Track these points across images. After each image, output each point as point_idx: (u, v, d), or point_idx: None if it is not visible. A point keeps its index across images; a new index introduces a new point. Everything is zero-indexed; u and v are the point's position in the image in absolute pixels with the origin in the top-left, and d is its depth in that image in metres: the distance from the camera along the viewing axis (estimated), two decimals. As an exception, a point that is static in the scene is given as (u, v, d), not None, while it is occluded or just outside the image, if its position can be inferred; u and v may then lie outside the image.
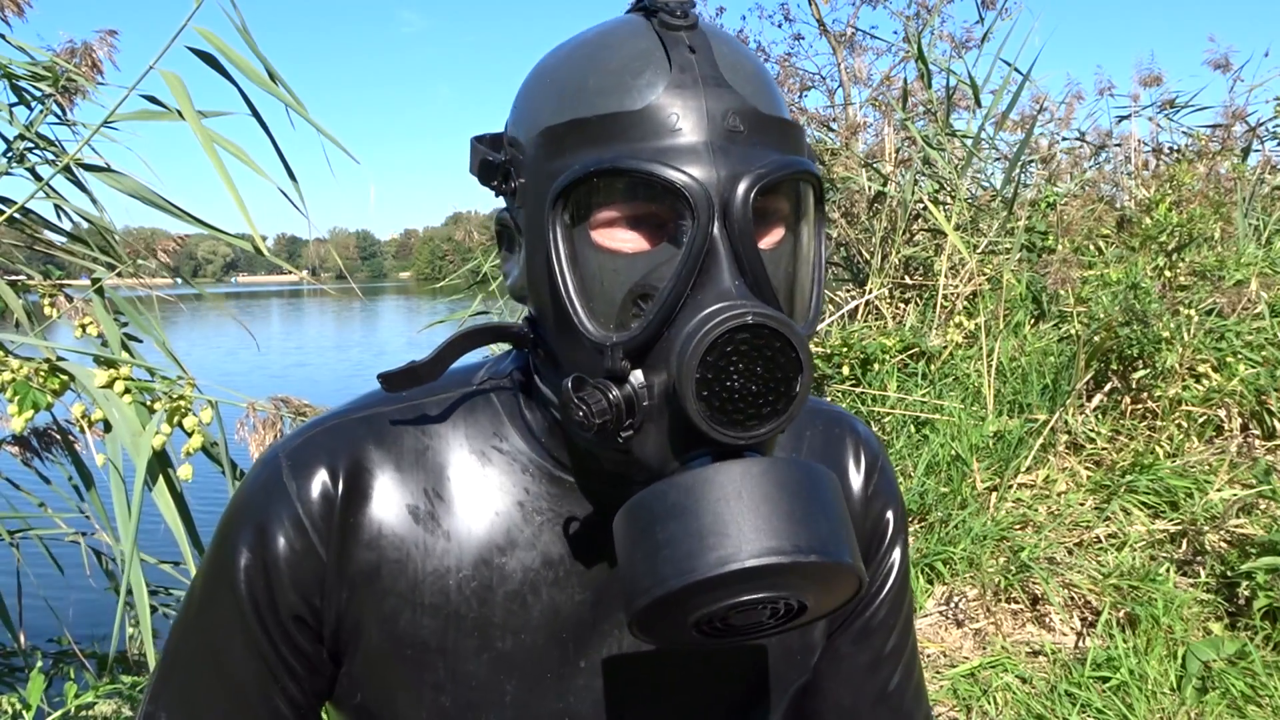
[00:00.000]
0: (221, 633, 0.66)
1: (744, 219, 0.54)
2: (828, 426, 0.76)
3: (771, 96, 0.59)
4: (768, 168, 0.55)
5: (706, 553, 0.49)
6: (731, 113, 0.55)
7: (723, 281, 0.53)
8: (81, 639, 2.72)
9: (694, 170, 0.53)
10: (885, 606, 0.76)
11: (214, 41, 1.96)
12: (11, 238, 2.46)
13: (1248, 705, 2.38)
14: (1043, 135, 6.12)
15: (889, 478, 0.76)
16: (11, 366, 1.64)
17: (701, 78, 0.56)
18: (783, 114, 0.59)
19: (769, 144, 0.56)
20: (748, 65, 0.58)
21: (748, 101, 0.56)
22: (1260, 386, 3.48)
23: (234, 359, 14.84)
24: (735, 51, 0.59)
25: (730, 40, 0.60)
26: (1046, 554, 3.00)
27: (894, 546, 0.76)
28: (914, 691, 0.78)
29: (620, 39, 0.58)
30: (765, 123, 0.57)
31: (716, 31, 0.59)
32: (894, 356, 4.06)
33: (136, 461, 1.64)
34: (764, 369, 0.52)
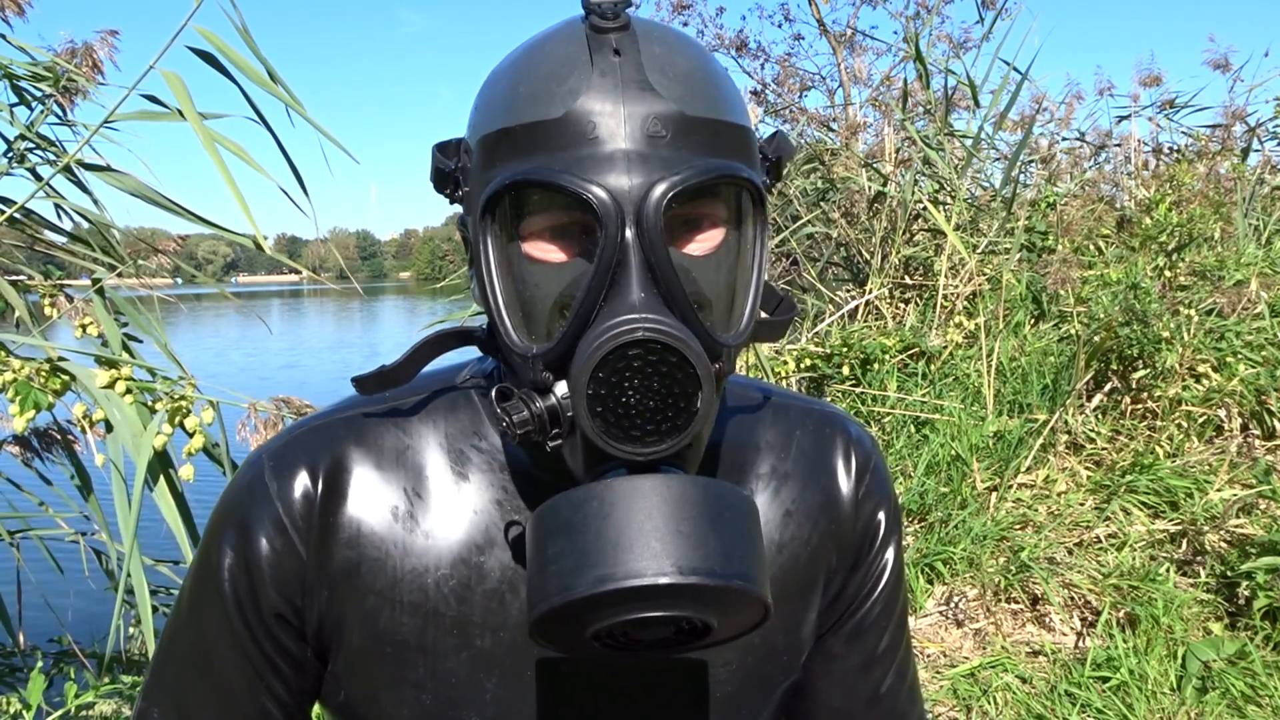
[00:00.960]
0: (209, 631, 0.67)
1: (654, 228, 0.52)
2: (818, 427, 0.75)
3: (707, 98, 0.57)
4: (684, 174, 0.53)
5: (587, 570, 0.49)
6: (654, 118, 0.54)
7: (630, 294, 0.52)
8: (81, 639, 2.72)
9: (608, 179, 0.53)
10: (878, 606, 0.75)
11: (214, 41, 1.96)
12: (12, 238, 2.46)
13: (1248, 705, 2.38)
14: (1043, 135, 6.12)
15: (882, 478, 0.75)
16: (13, 366, 1.64)
17: (623, 82, 0.54)
18: (720, 115, 0.57)
19: (695, 148, 0.55)
20: (681, 66, 0.57)
21: (673, 105, 0.55)
22: (1260, 386, 3.48)
23: (223, 360, 14.84)
24: (670, 52, 0.57)
25: (669, 39, 0.58)
26: (1046, 554, 3.00)
27: (886, 546, 0.75)
28: (908, 693, 0.78)
29: (554, 44, 0.58)
30: (692, 125, 0.55)
31: (654, 31, 0.58)
32: (894, 356, 4.06)
33: (137, 462, 1.65)
34: (660, 384, 0.51)
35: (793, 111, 8.28)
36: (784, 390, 0.78)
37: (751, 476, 0.71)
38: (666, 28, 0.60)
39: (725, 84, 0.60)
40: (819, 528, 0.71)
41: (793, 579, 0.70)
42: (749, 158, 0.59)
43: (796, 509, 0.71)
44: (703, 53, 0.60)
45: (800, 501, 0.71)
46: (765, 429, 0.73)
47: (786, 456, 0.72)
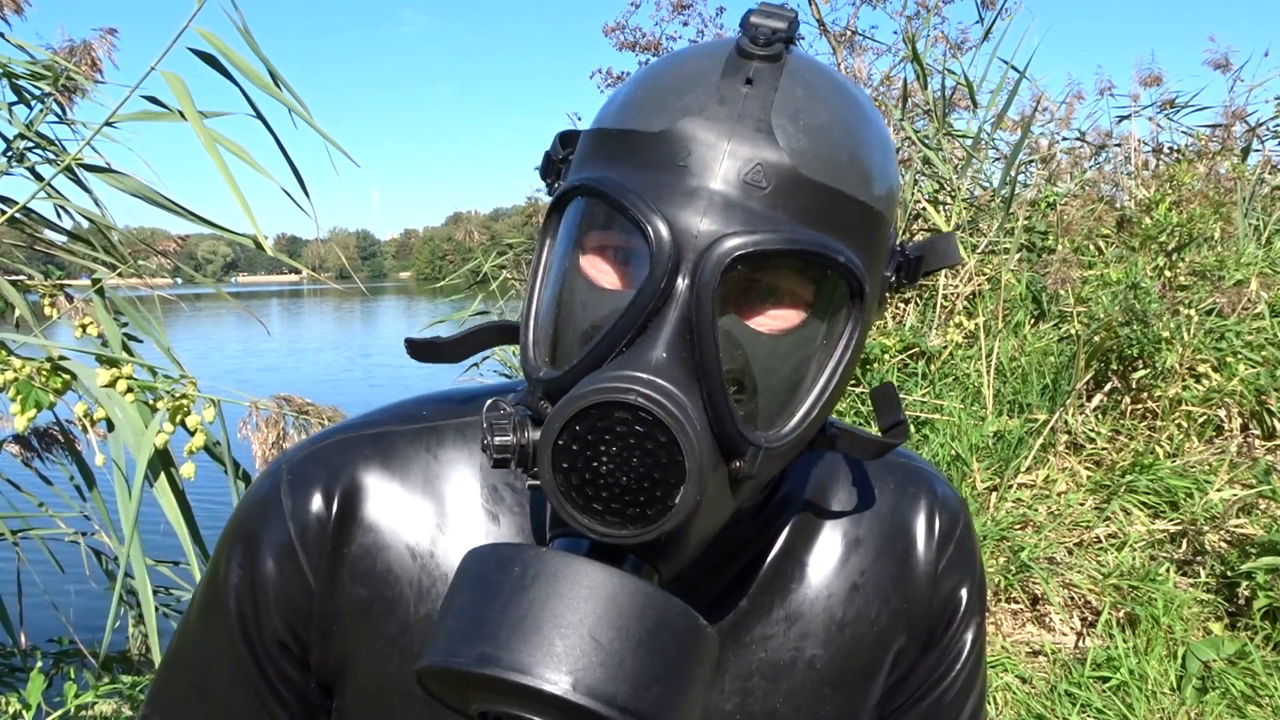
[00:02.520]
0: (214, 646, 0.63)
1: (708, 284, 0.45)
2: (901, 486, 0.66)
3: (834, 162, 0.48)
4: (765, 236, 0.46)
5: (476, 642, 0.42)
6: (758, 164, 0.47)
7: (654, 348, 0.45)
8: (81, 639, 2.72)
9: (680, 215, 0.46)
10: (954, 689, 0.67)
11: (215, 43, 1.96)
12: (12, 238, 2.46)
13: (1248, 705, 2.38)
14: (1043, 135, 6.12)
15: (967, 550, 0.66)
16: (14, 366, 1.64)
17: (740, 115, 0.47)
18: (842, 185, 0.49)
19: (796, 212, 0.47)
20: (819, 117, 0.49)
21: (786, 157, 0.47)
22: (1260, 386, 3.48)
23: (223, 359, 14.83)
24: (813, 98, 0.49)
25: (820, 85, 0.50)
26: (1046, 554, 3.00)
27: (966, 627, 0.67)
28: None
29: (697, 57, 0.51)
30: (801, 186, 0.47)
31: (809, 73, 0.50)
32: (894, 356, 4.06)
33: (138, 460, 1.65)
34: (639, 462, 0.43)
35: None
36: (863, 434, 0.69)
37: (816, 541, 0.63)
38: (832, 74, 0.52)
39: (870, 154, 0.51)
40: (889, 605, 0.63)
41: (854, 662, 0.63)
42: (865, 242, 0.50)
43: (865, 582, 0.63)
44: (859, 114, 0.51)
45: (871, 574, 0.63)
46: (839, 485, 0.64)
47: (860, 520, 0.64)
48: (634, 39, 10.35)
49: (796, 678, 0.60)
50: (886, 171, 0.52)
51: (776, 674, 0.60)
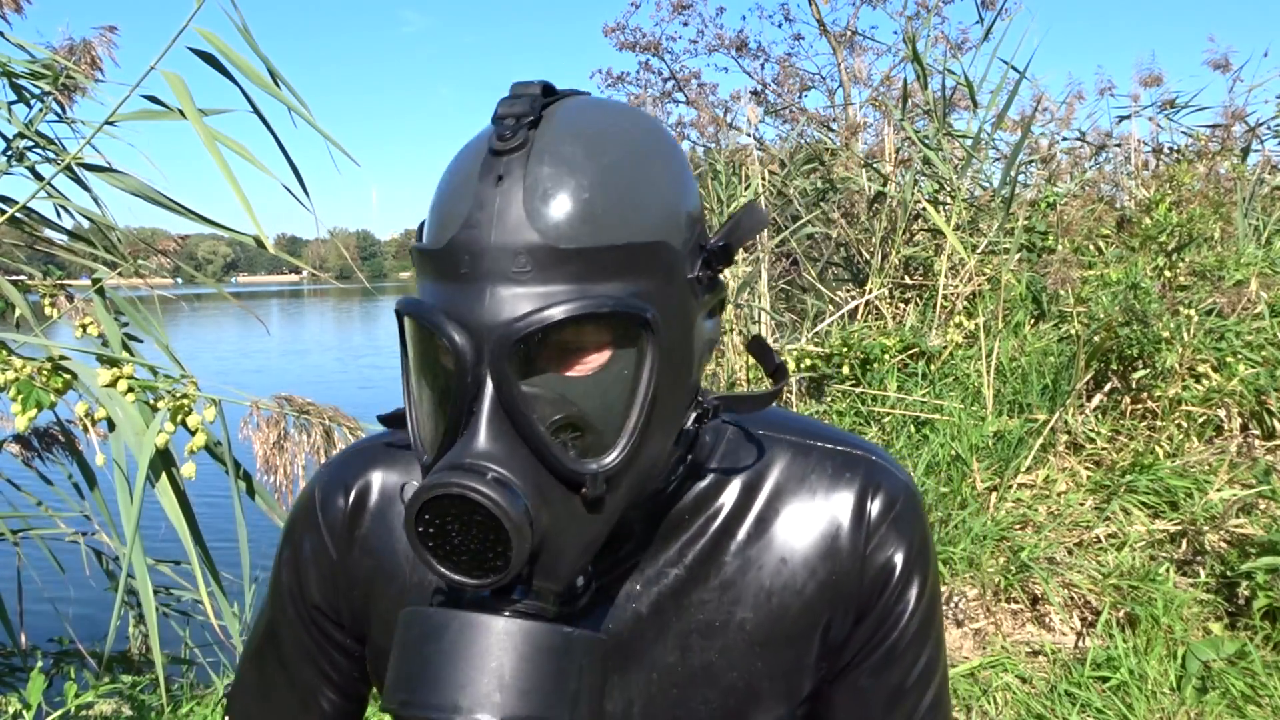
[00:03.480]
0: (276, 614, 0.80)
1: (506, 369, 0.53)
2: (839, 470, 0.72)
3: (590, 224, 0.54)
4: (536, 318, 0.53)
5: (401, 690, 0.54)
6: (521, 253, 0.53)
7: (477, 435, 0.54)
8: (82, 639, 2.72)
9: (470, 316, 0.53)
10: (904, 643, 0.72)
11: (215, 42, 1.96)
12: (12, 237, 2.46)
13: (1248, 705, 2.39)
14: (1043, 135, 6.13)
15: (904, 529, 0.71)
16: (14, 366, 1.64)
17: (498, 213, 0.54)
18: (603, 241, 0.54)
19: (567, 279, 0.53)
20: (568, 187, 0.54)
21: (539, 238, 0.53)
22: (1260, 386, 3.48)
23: (223, 358, 14.81)
24: (560, 172, 0.54)
25: (567, 153, 0.55)
26: (1046, 554, 3.00)
27: (905, 589, 0.71)
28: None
29: (465, 160, 0.58)
30: (563, 258, 0.53)
31: (556, 142, 0.55)
32: (894, 356, 4.06)
33: (140, 460, 1.65)
34: (477, 531, 0.52)
35: (793, 111, 8.28)
36: (824, 430, 0.75)
37: (751, 519, 0.71)
38: (586, 126, 0.57)
39: (631, 194, 0.56)
40: (816, 577, 0.70)
41: (781, 626, 0.70)
42: (645, 272, 0.56)
43: (793, 556, 0.70)
44: (615, 161, 0.56)
45: (799, 549, 0.70)
46: (778, 470, 0.72)
47: (793, 499, 0.71)
48: (634, 39, 10.35)
49: (729, 637, 0.70)
50: (656, 198, 0.57)
51: (712, 633, 0.69)
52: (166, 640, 2.50)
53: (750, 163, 5.01)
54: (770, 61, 10.56)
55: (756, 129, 6.43)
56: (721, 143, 6.07)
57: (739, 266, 4.44)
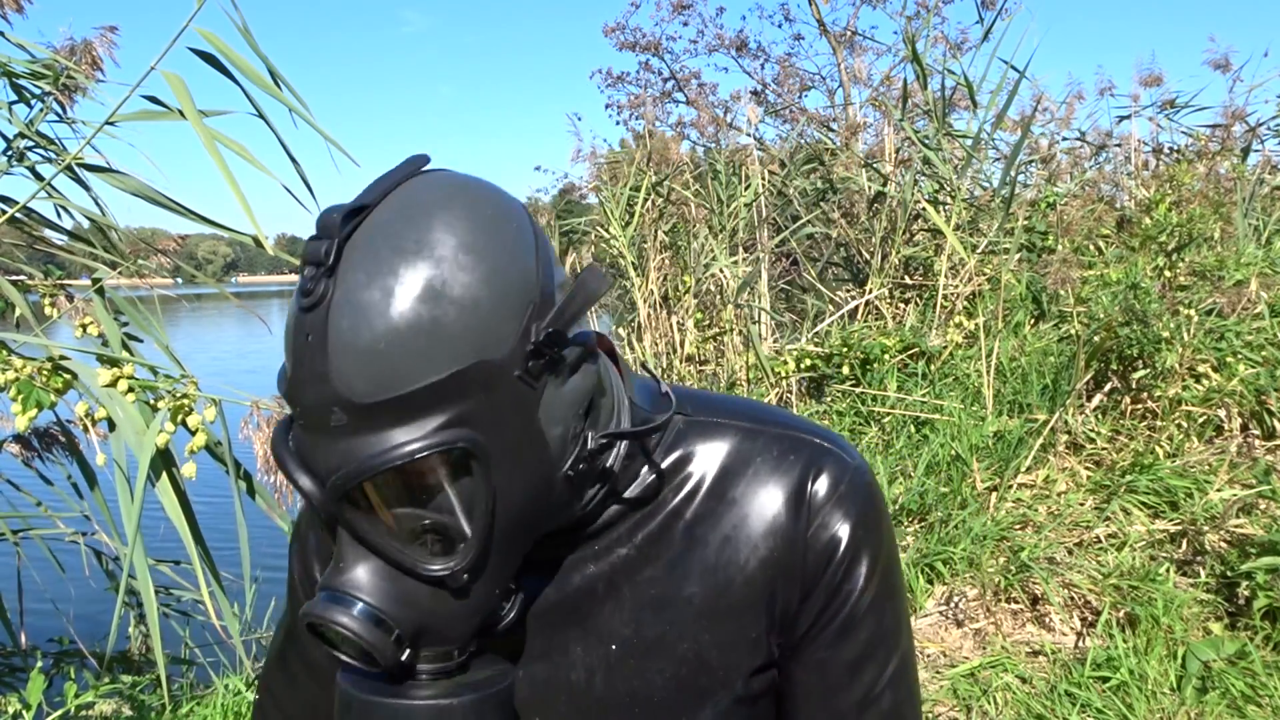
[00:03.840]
0: (291, 598, 0.86)
1: (341, 510, 0.59)
2: (784, 453, 0.74)
3: (390, 374, 0.55)
4: (348, 471, 0.56)
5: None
6: (333, 406, 0.56)
7: (341, 565, 0.61)
8: (82, 639, 2.72)
9: (312, 462, 0.58)
10: (858, 615, 0.74)
11: (215, 42, 1.96)
12: (12, 237, 2.46)
13: (1248, 705, 2.39)
14: (1043, 135, 6.13)
15: (851, 500, 0.73)
16: (15, 365, 1.64)
17: (309, 372, 0.57)
18: (403, 389, 0.56)
19: (382, 427, 0.56)
20: (364, 339, 0.55)
21: (345, 395, 0.55)
22: (1260, 386, 3.48)
23: (223, 358, 14.80)
24: (357, 323, 0.55)
25: (367, 302, 0.56)
26: (1046, 554, 3.00)
27: (853, 563, 0.73)
28: (894, 705, 0.76)
29: (290, 306, 0.60)
30: (371, 410, 0.56)
31: (354, 289, 0.56)
32: (894, 356, 4.06)
33: (140, 460, 1.65)
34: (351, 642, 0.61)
35: (793, 111, 8.28)
36: (776, 416, 0.78)
37: (698, 502, 0.74)
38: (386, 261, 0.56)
39: (432, 333, 0.56)
40: (758, 553, 0.73)
41: (726, 600, 0.73)
42: (463, 396, 0.57)
43: (736, 533, 0.73)
44: (415, 290, 0.56)
45: (742, 528, 0.73)
46: (726, 454, 0.75)
47: (739, 481, 0.74)
48: (634, 39, 10.36)
49: (678, 611, 0.74)
50: (466, 321, 0.57)
51: (661, 607, 0.74)
52: (167, 640, 2.50)
53: (750, 163, 5.01)
54: (770, 61, 10.57)
55: (756, 129, 6.44)
56: (721, 143, 6.07)
57: (739, 266, 4.44)
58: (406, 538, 0.61)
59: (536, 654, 0.75)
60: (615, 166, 5.32)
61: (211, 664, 2.93)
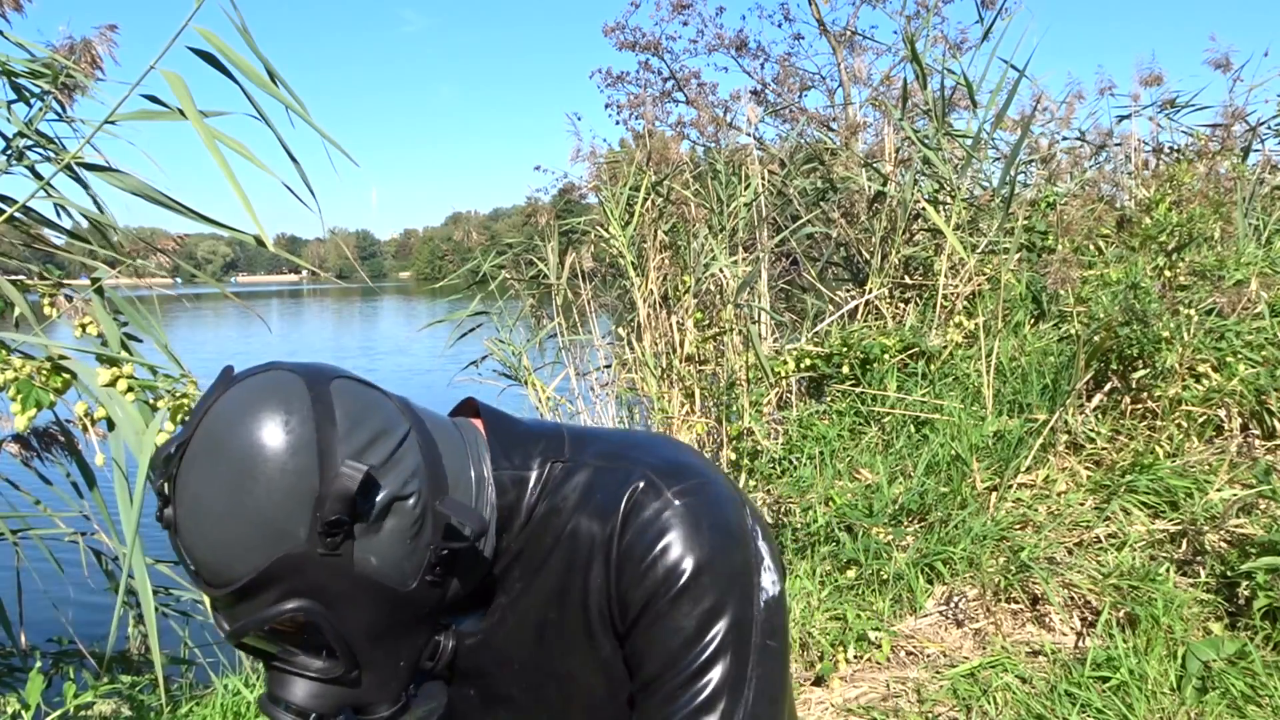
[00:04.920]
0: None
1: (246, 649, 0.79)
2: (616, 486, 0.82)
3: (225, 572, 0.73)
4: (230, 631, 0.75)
5: None
6: (209, 587, 0.74)
7: (272, 678, 0.79)
8: (82, 639, 2.71)
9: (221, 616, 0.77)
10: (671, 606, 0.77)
11: (214, 42, 1.96)
12: (11, 237, 2.46)
13: (1248, 705, 2.38)
14: (1043, 135, 6.12)
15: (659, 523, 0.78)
16: (14, 365, 1.64)
17: (190, 569, 0.75)
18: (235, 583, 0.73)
19: (242, 602, 0.74)
20: (201, 553, 0.73)
21: (207, 587, 0.74)
22: (1260, 386, 3.48)
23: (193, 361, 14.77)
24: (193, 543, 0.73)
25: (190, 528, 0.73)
26: (1046, 554, 3.00)
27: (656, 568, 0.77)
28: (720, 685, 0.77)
29: None
30: (225, 597, 0.74)
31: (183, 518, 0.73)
32: (894, 356, 4.06)
33: (140, 460, 1.64)
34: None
35: (792, 111, 8.28)
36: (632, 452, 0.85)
37: (557, 532, 0.84)
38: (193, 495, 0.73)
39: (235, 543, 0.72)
40: (588, 578, 0.81)
41: (575, 623, 0.82)
42: (282, 579, 0.73)
43: (574, 561, 0.82)
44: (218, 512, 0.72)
45: (578, 555, 0.82)
46: (580, 491, 0.84)
47: (582, 514, 0.82)
48: (634, 39, 10.34)
49: (547, 634, 0.84)
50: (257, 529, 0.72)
51: (539, 631, 0.84)
52: (166, 640, 2.50)
53: (750, 162, 5.00)
54: (770, 61, 10.56)
55: (756, 129, 6.43)
56: (721, 142, 6.06)
57: (739, 266, 4.44)
58: (306, 654, 0.77)
59: (469, 674, 0.88)
60: (615, 166, 5.32)
61: (211, 664, 2.93)
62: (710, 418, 4.10)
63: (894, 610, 2.98)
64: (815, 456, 3.65)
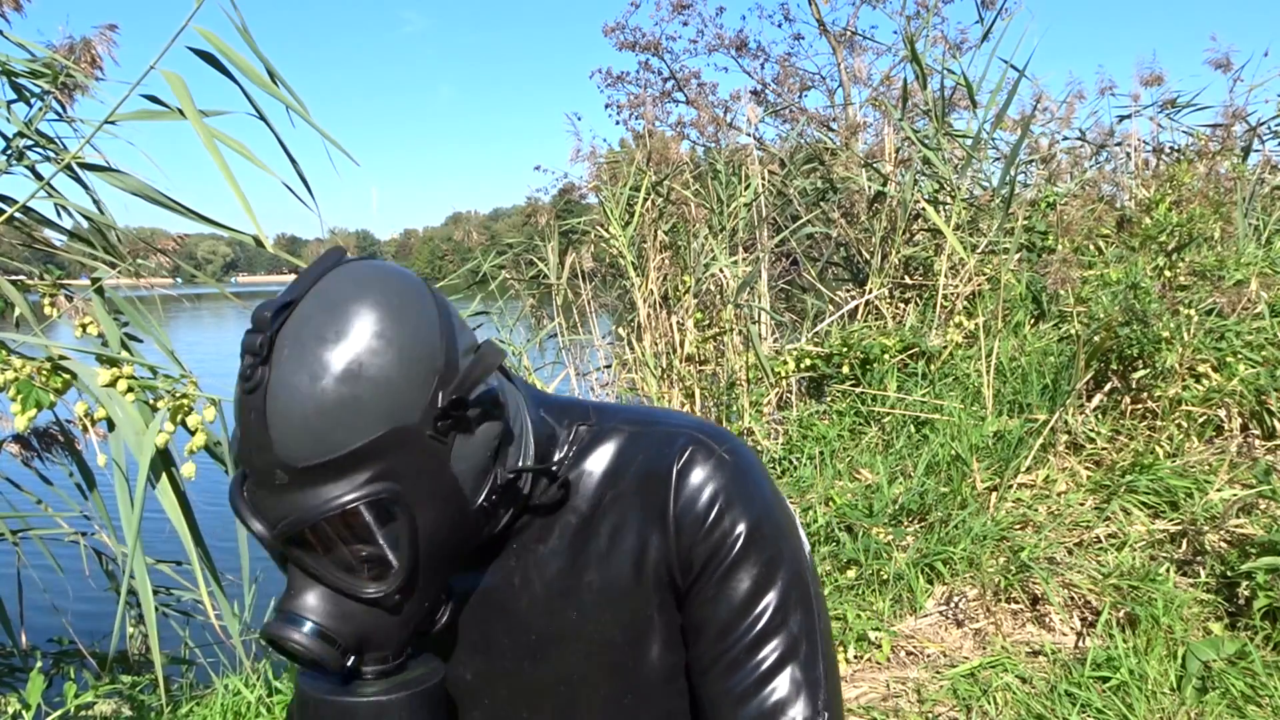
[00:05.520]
0: None
1: (287, 549, 0.71)
2: (661, 446, 0.83)
3: (320, 442, 0.67)
4: (292, 519, 0.69)
5: None
6: (276, 469, 0.68)
7: (291, 589, 0.73)
8: (82, 639, 2.72)
9: (262, 510, 0.70)
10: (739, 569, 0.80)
11: (214, 42, 1.96)
12: (11, 237, 2.46)
13: (1248, 705, 2.38)
14: (1043, 135, 6.12)
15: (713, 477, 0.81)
16: (14, 365, 1.64)
17: (255, 443, 0.68)
18: (331, 455, 0.68)
19: (316, 483, 0.68)
20: (296, 414, 0.67)
21: (286, 459, 0.67)
22: (1260, 386, 3.48)
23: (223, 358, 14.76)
24: (292, 399, 0.67)
25: (299, 382, 0.67)
26: (1046, 554, 3.00)
27: (720, 520, 0.80)
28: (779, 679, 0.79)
29: (236, 387, 0.71)
30: (305, 473, 0.68)
31: (288, 373, 0.67)
32: (894, 356, 4.06)
33: (140, 460, 1.64)
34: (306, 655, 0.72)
35: (792, 111, 8.28)
36: (662, 417, 0.87)
37: (592, 497, 0.84)
38: (313, 348, 0.68)
39: (356, 403, 0.68)
40: (640, 537, 0.82)
41: (618, 584, 0.82)
42: (382, 457, 0.69)
43: (622, 522, 0.82)
44: (341, 375, 0.67)
45: (626, 515, 0.82)
46: (614, 455, 0.85)
47: (624, 477, 0.83)
48: (634, 39, 10.35)
49: (581, 597, 0.83)
50: (380, 396, 0.68)
51: (568, 595, 0.83)
52: (166, 640, 2.50)
53: (750, 162, 5.00)
54: (770, 61, 10.56)
55: (756, 129, 6.44)
56: (721, 142, 6.06)
57: (739, 266, 4.44)
58: (345, 568, 0.72)
59: (473, 647, 0.86)
60: (615, 166, 5.32)
61: (211, 664, 2.93)
62: (710, 418, 4.10)
63: (894, 610, 2.98)
64: (815, 456, 3.65)
